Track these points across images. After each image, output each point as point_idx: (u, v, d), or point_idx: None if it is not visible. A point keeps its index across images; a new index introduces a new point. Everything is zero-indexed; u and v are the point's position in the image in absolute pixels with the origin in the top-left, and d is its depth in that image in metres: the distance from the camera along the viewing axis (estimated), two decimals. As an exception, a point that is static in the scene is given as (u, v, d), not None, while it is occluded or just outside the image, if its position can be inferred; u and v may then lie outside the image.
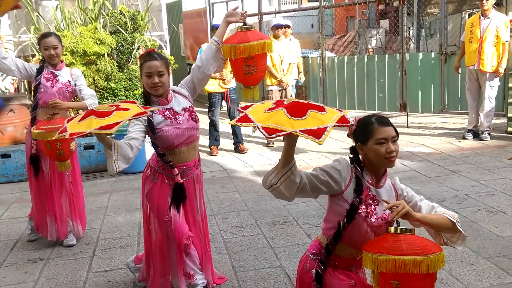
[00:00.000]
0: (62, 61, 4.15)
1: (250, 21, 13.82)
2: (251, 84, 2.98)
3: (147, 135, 2.94)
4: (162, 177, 2.99)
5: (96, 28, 6.99)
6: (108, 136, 2.65)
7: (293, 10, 11.20)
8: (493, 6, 6.64)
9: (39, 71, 4.02)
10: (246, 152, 7.01)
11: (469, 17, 8.35)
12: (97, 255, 3.93)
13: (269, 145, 7.36)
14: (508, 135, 6.93)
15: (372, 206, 2.19)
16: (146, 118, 2.86)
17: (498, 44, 6.56)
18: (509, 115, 7.01)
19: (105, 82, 6.92)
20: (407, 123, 7.97)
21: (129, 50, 7.26)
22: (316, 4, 9.94)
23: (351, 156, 2.29)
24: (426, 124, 8.06)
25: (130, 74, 7.15)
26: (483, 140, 6.77)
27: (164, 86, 2.94)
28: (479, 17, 6.69)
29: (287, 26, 8.02)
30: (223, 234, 4.19)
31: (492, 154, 6.13)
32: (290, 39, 8.11)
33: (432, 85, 8.43)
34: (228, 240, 4.07)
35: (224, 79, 6.92)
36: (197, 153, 3.11)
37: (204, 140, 7.33)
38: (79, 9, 7.53)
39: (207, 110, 7.31)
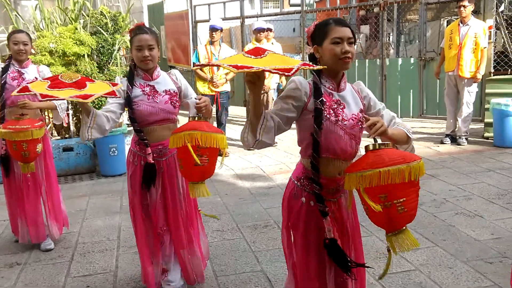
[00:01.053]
0: (28, 59, 4.08)
1: (232, 24, 13.85)
2: (198, 178, 2.73)
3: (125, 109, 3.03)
4: (140, 160, 3.04)
5: (76, 29, 6.91)
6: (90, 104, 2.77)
7: (275, 14, 11.25)
8: (471, 14, 6.77)
9: (4, 70, 3.96)
10: (228, 156, 7.00)
11: (447, 24, 8.51)
12: (76, 260, 3.87)
13: (251, 148, 7.34)
14: (485, 140, 7.07)
15: (339, 109, 2.17)
16: (124, 90, 2.96)
17: (477, 51, 6.68)
18: (485, 120, 7.15)
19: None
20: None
21: (110, 51, 7.19)
22: (298, 8, 10.01)
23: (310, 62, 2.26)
24: (405, 129, 8.16)
25: (110, 75, 7.07)
26: (460, 145, 6.89)
27: (154, 60, 2.99)
28: (458, 24, 6.81)
29: (269, 30, 8.05)
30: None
31: (469, 158, 6.24)
32: (272, 43, 8.15)
33: (411, 90, 8.55)
34: (209, 244, 4.04)
35: (214, 82, 6.92)
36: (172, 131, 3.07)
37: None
38: (59, 9, 7.44)
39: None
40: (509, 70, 7.41)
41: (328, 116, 2.14)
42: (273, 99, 7.67)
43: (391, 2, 8.78)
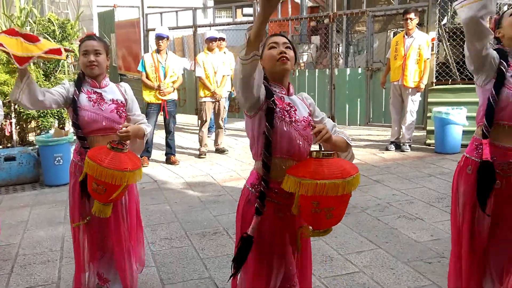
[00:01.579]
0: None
1: (185, 33, 13.81)
2: (99, 200, 2.76)
3: (68, 111, 3.01)
4: (82, 170, 2.94)
5: (21, 35, 6.71)
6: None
7: (228, 24, 11.29)
8: (416, 26, 7.06)
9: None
10: (177, 164, 6.96)
11: (394, 36, 8.81)
12: (16, 272, 3.73)
13: (201, 156, 7.35)
14: (427, 146, 7.36)
15: (292, 111, 2.24)
16: (68, 88, 2.95)
17: (420, 62, 6.96)
18: (428, 128, 7.45)
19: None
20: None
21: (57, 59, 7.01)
22: (251, 18, 10.13)
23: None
24: (352, 136, 8.36)
25: (57, 83, 6.90)
26: (404, 151, 7.14)
27: (100, 67, 2.95)
28: (403, 36, 7.09)
29: (222, 39, 8.10)
30: (152, 246, 4.13)
31: (412, 164, 6.48)
32: (224, 52, 8.20)
33: (359, 99, 8.80)
34: (156, 252, 4.00)
35: (161, 90, 6.86)
36: None
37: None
38: (4, 15, 7.21)
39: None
40: (450, 80, 7.76)
41: (283, 117, 2.20)
42: (224, 108, 7.71)
43: (340, 14, 9.04)
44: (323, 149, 2.23)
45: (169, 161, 7.03)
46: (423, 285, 3.29)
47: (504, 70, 2.43)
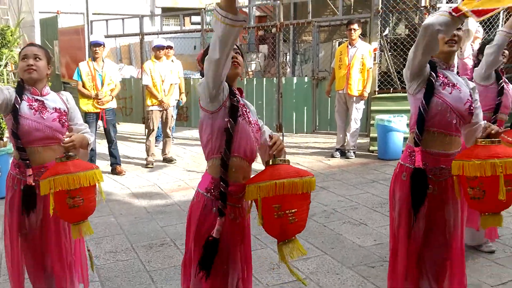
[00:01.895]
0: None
1: (132, 40, 13.61)
2: (79, 218, 2.65)
3: (5, 120, 2.86)
4: (20, 184, 2.85)
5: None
6: None
7: (176, 32, 11.24)
8: (359, 36, 7.29)
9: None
10: (123, 174, 6.83)
11: (338, 46, 9.06)
12: (-52, 292, 3.54)
13: (148, 166, 7.25)
14: (370, 153, 7.60)
15: (247, 112, 2.29)
16: (12, 94, 2.81)
17: (364, 71, 7.20)
18: (371, 135, 7.70)
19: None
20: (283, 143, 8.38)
21: (-5, 66, 6.75)
22: (199, 27, 10.12)
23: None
24: (300, 144, 8.53)
25: (-5, 92, 6.62)
26: (349, 158, 7.34)
27: (39, 72, 2.83)
28: (347, 46, 7.30)
29: (169, 47, 8.05)
30: (96, 260, 4.01)
31: (356, 171, 6.66)
32: (172, 60, 8.14)
33: (305, 108, 8.96)
34: (101, 266, 3.90)
35: (99, 99, 6.69)
36: (57, 154, 2.85)
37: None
38: None
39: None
40: (391, 89, 8.05)
41: (243, 115, 2.24)
42: (172, 116, 7.64)
43: (287, 24, 9.20)
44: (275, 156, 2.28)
45: (114, 171, 6.88)
46: (366, 289, 3.40)
47: (433, 80, 2.56)
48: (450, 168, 2.49)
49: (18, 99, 2.81)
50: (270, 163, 2.20)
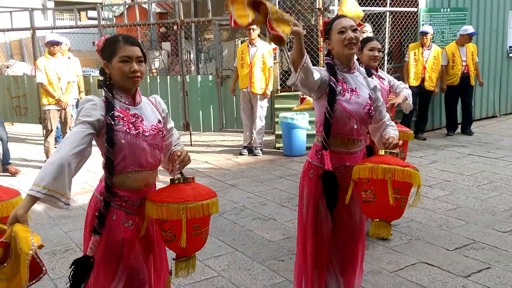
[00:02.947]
0: None
1: (23, 35, 12.70)
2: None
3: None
4: None
5: None
6: None
7: (71, 27, 10.66)
8: (258, 36, 7.46)
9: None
10: (18, 174, 6.43)
11: (240, 45, 9.18)
12: None
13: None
14: (277, 150, 7.84)
15: (138, 122, 2.21)
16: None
17: (265, 69, 7.39)
18: (276, 132, 7.94)
19: None
20: (191, 141, 8.37)
21: None
22: (95, 22, 9.70)
23: (101, 78, 2.26)
24: (208, 142, 8.56)
25: None
26: (256, 155, 7.51)
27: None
28: (248, 45, 7.44)
29: (58, 44, 7.63)
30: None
31: (264, 167, 6.84)
32: (68, 57, 7.75)
33: (212, 106, 8.99)
34: (-1, 278, 3.64)
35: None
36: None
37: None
38: None
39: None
40: (293, 87, 8.34)
41: (128, 130, 2.16)
42: (72, 116, 7.28)
43: (187, 22, 9.14)
44: (183, 175, 2.31)
45: (7, 171, 6.47)
46: (277, 282, 3.51)
47: (334, 87, 2.62)
48: (353, 165, 2.65)
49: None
50: (176, 181, 2.24)
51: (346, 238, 2.82)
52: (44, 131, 7.13)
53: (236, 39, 11.95)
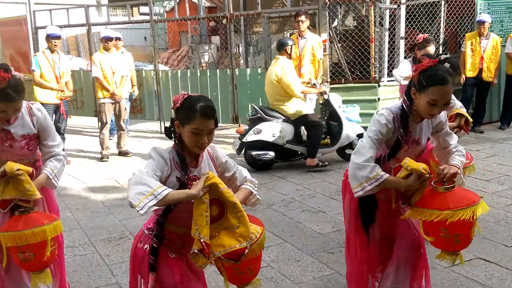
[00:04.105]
0: None
1: (79, 31, 13.16)
2: (35, 269, 2.65)
3: None
4: None
5: None
6: None
7: (124, 22, 10.96)
8: (308, 28, 7.39)
9: None
10: (69, 163, 6.73)
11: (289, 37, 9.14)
12: None
13: (103, 159, 7.09)
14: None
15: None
16: None
17: (314, 62, 7.31)
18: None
19: None
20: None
21: None
22: (148, 17, 9.92)
23: (171, 130, 2.24)
24: (256, 135, 8.58)
25: None
26: (305, 148, 7.45)
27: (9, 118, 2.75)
28: (297, 37, 7.38)
29: (118, 39, 7.87)
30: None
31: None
32: (122, 52, 7.98)
33: (260, 99, 9.00)
34: (58, 262, 3.81)
35: (63, 91, 6.73)
36: (27, 164, 2.79)
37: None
38: None
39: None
40: (343, 79, 8.23)
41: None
42: (125, 109, 7.50)
43: (237, 15, 9.19)
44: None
45: None
46: (326, 275, 3.49)
47: (400, 143, 2.50)
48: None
49: None
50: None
51: (410, 237, 2.71)
52: (99, 123, 7.38)
53: (285, 32, 11.90)
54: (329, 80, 8.12)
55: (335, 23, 9.76)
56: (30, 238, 2.51)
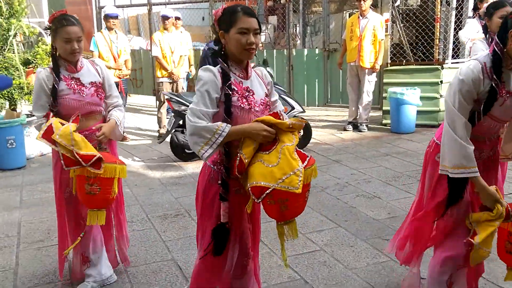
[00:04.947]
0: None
1: (140, 11, 13.43)
2: (95, 206, 2.82)
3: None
4: None
5: (-35, 12, 6.35)
6: None
7: (183, 2, 11.07)
8: (370, 7, 7.16)
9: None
10: (128, 141, 6.99)
11: (349, 17, 8.90)
12: (-30, 260, 3.61)
13: (160, 138, 7.25)
14: (383, 126, 7.55)
15: (250, 97, 2.22)
16: (44, 80, 2.85)
17: (375, 42, 7.09)
18: (383, 108, 7.63)
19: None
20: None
21: (5, 37, 6.68)
22: (207, -3, 9.96)
23: (215, 47, 2.26)
24: (311, 117, 8.48)
25: (6, 62, 6.59)
26: (361, 131, 7.31)
27: (81, 52, 2.94)
28: (358, 17, 7.17)
29: (177, 18, 7.95)
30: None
31: (369, 144, 6.64)
32: (181, 31, 8.06)
33: (317, 80, 8.90)
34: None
35: (121, 69, 6.93)
36: (99, 121, 3.05)
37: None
38: None
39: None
40: (404, 61, 7.95)
41: (241, 105, 2.17)
42: (183, 88, 7.61)
43: (296, -6, 9.04)
44: None
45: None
46: (381, 261, 3.41)
47: (496, 93, 2.26)
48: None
49: (56, 79, 2.86)
50: None
51: None
52: (157, 102, 7.54)
53: (344, 11, 11.60)
54: (389, 61, 7.87)
55: (398, 2, 9.40)
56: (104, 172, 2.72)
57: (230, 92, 2.15)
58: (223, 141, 2.08)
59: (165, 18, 7.24)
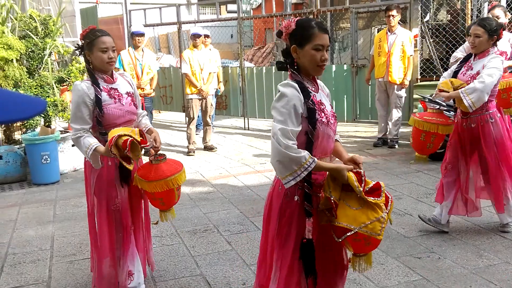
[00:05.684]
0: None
1: (170, 29, 13.72)
2: (163, 208, 3.14)
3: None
4: (107, 161, 3.00)
5: (4, 32, 6.60)
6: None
7: (212, 20, 11.26)
8: (398, 23, 7.12)
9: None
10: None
11: (377, 32, 8.87)
12: (6, 271, 3.69)
13: (190, 154, 7.34)
14: (414, 142, 7.42)
15: (325, 110, 2.19)
16: (86, 92, 2.91)
17: (404, 58, 7.03)
18: (414, 124, 7.51)
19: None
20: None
21: (40, 56, 6.92)
22: (235, 15, 10.09)
23: (285, 59, 2.22)
24: (340, 133, 8.32)
25: (41, 81, 6.81)
26: (391, 147, 7.21)
27: (116, 62, 3.05)
28: (386, 33, 7.13)
29: (206, 36, 8.09)
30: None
31: (399, 160, 6.54)
32: (210, 49, 8.18)
33: (345, 96, 8.85)
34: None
35: (143, 88, 6.99)
36: None
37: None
38: (-16, 12, 7.07)
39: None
40: (434, 76, 7.85)
41: (321, 119, 2.15)
42: (212, 105, 7.69)
43: (324, 11, 9.07)
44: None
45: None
46: (413, 280, 3.34)
47: None
48: None
49: (98, 89, 2.94)
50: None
51: None
52: (187, 118, 7.63)
53: (373, 27, 11.58)
54: (419, 76, 7.78)
55: (427, 17, 9.34)
56: (157, 187, 2.91)
57: (314, 107, 2.13)
58: (307, 174, 2.09)
59: (196, 36, 7.36)
